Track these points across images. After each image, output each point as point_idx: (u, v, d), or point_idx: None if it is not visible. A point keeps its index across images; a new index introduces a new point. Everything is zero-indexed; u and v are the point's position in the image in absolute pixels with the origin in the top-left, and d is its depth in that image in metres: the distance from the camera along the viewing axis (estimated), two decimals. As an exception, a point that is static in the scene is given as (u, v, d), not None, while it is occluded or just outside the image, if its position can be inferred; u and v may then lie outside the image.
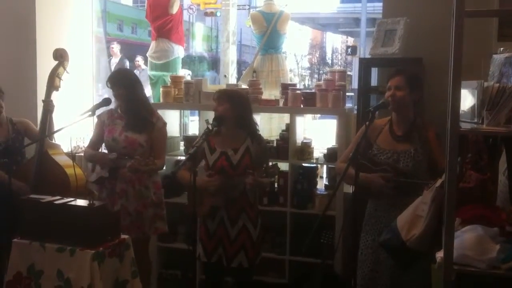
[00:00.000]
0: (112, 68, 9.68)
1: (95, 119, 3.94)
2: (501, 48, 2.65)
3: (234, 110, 3.35)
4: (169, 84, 4.75)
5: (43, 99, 4.01)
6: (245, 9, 19.91)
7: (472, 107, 2.26)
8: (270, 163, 3.55)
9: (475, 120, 2.21)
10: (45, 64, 4.86)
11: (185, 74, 5.93)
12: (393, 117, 3.20)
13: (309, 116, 4.97)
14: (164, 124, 3.81)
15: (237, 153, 3.35)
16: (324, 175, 4.71)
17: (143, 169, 3.51)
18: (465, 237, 2.18)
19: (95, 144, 3.83)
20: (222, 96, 3.42)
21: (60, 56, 4.05)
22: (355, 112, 4.22)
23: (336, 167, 3.43)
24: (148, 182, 3.72)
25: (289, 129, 4.29)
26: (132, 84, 3.73)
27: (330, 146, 4.34)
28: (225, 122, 3.36)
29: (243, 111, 3.40)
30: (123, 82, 3.71)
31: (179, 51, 5.83)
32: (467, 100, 2.30)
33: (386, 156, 3.09)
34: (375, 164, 3.06)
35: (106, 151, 3.80)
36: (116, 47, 10.75)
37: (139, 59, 11.06)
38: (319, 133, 6.02)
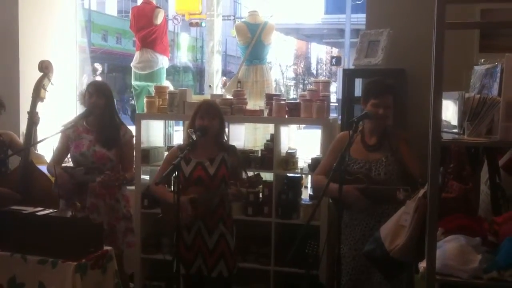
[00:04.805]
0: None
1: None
2: (482, 60, 2.68)
3: (220, 124, 3.43)
4: (153, 95, 4.74)
5: (28, 110, 3.99)
6: (230, 19, 19.97)
7: (454, 118, 2.28)
8: (253, 173, 3.54)
9: (457, 131, 2.23)
10: (28, 75, 4.82)
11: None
12: (364, 127, 3.22)
13: (293, 126, 4.98)
14: (132, 136, 3.85)
15: (213, 163, 3.37)
16: (309, 185, 4.72)
17: (114, 184, 3.51)
18: (448, 247, 2.19)
19: (59, 159, 3.74)
20: (213, 110, 3.41)
21: (46, 67, 4.10)
22: (339, 122, 4.24)
23: (313, 180, 3.43)
24: (118, 195, 3.73)
25: (274, 139, 4.29)
26: (112, 97, 3.79)
27: (314, 156, 4.35)
28: (209, 135, 3.36)
29: (223, 124, 3.50)
30: (105, 92, 3.72)
31: (163, 62, 5.82)
32: (449, 110, 2.32)
33: (359, 166, 3.13)
34: (349, 174, 3.08)
35: (71, 165, 3.76)
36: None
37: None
38: (304, 143, 6.03)
